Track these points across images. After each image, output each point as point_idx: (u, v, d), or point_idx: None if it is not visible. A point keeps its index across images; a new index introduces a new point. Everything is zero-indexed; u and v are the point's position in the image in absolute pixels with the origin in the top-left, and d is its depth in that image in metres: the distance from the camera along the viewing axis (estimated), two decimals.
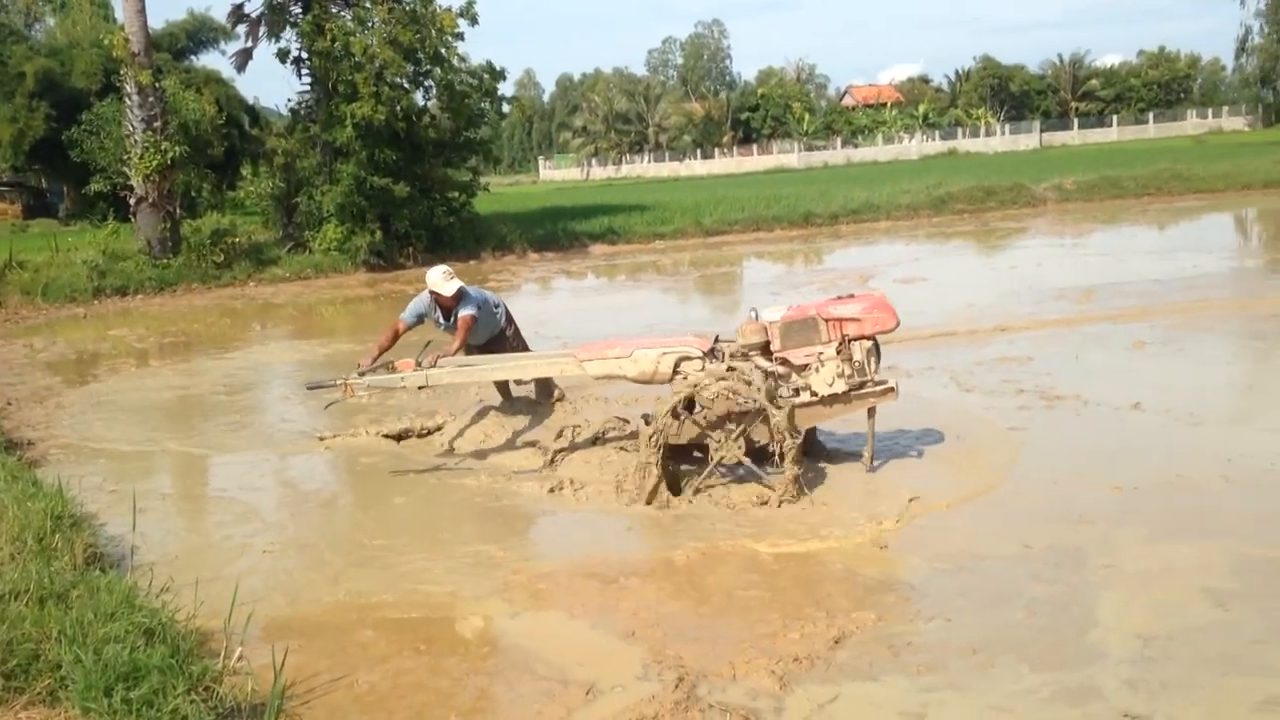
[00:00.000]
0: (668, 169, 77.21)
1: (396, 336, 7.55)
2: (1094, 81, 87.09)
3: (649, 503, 6.10)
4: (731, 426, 6.09)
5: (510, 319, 8.07)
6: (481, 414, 8.05)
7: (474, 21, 22.63)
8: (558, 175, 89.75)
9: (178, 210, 21.41)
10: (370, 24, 22.13)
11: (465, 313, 7.42)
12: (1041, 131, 76.69)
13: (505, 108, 25.34)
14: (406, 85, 22.58)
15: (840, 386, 6.22)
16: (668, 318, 13.47)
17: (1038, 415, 7.52)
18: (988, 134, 76.79)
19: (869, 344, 6.31)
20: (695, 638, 4.42)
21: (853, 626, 4.40)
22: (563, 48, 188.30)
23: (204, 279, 20.27)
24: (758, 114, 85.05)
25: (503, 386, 8.16)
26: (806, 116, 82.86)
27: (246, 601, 4.62)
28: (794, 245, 22.92)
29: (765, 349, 6.39)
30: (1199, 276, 13.41)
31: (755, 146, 79.07)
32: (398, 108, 21.58)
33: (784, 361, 6.35)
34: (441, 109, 23.10)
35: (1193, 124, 76.89)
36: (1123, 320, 10.94)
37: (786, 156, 73.12)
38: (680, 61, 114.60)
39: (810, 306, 6.50)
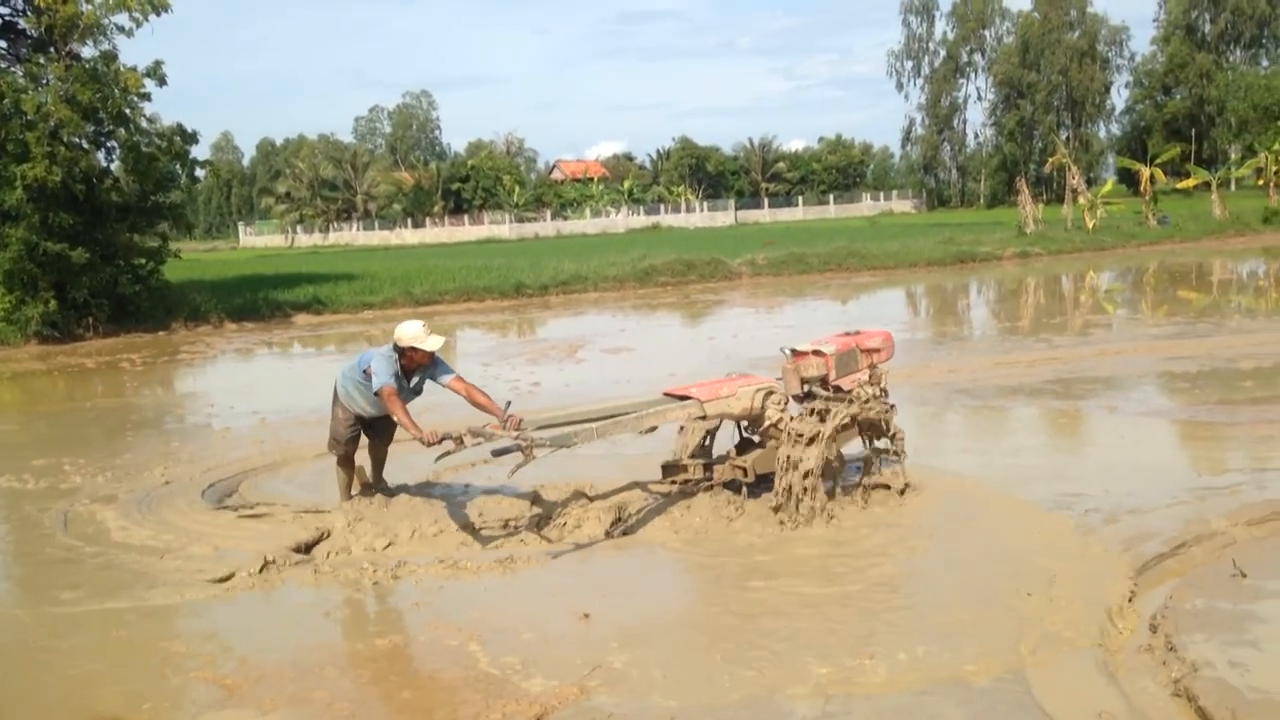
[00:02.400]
0: (377, 237, 75.97)
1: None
2: (781, 164, 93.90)
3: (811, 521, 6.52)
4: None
5: None
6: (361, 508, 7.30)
7: (162, 82, 21.49)
8: (260, 242, 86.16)
9: None
10: (45, 81, 20.54)
11: (449, 378, 6.99)
12: (736, 209, 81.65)
13: (199, 171, 24.07)
14: (86, 146, 21.05)
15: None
16: None
17: None
18: (688, 210, 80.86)
19: (884, 369, 7.44)
20: None
21: (555, 702, 4.38)
22: (264, 111, 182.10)
23: None
24: (468, 185, 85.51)
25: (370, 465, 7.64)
26: (517, 189, 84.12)
27: None
28: (505, 315, 23.04)
29: (823, 380, 7.11)
30: None
31: (467, 217, 79.32)
32: (76, 169, 20.04)
33: (836, 388, 7.11)
34: (126, 171, 21.66)
35: (868, 205, 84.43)
36: None
37: (498, 227, 73.80)
38: (389, 130, 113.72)
39: (850, 340, 7.43)
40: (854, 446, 7.32)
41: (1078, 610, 5.04)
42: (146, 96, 21.42)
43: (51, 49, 21.19)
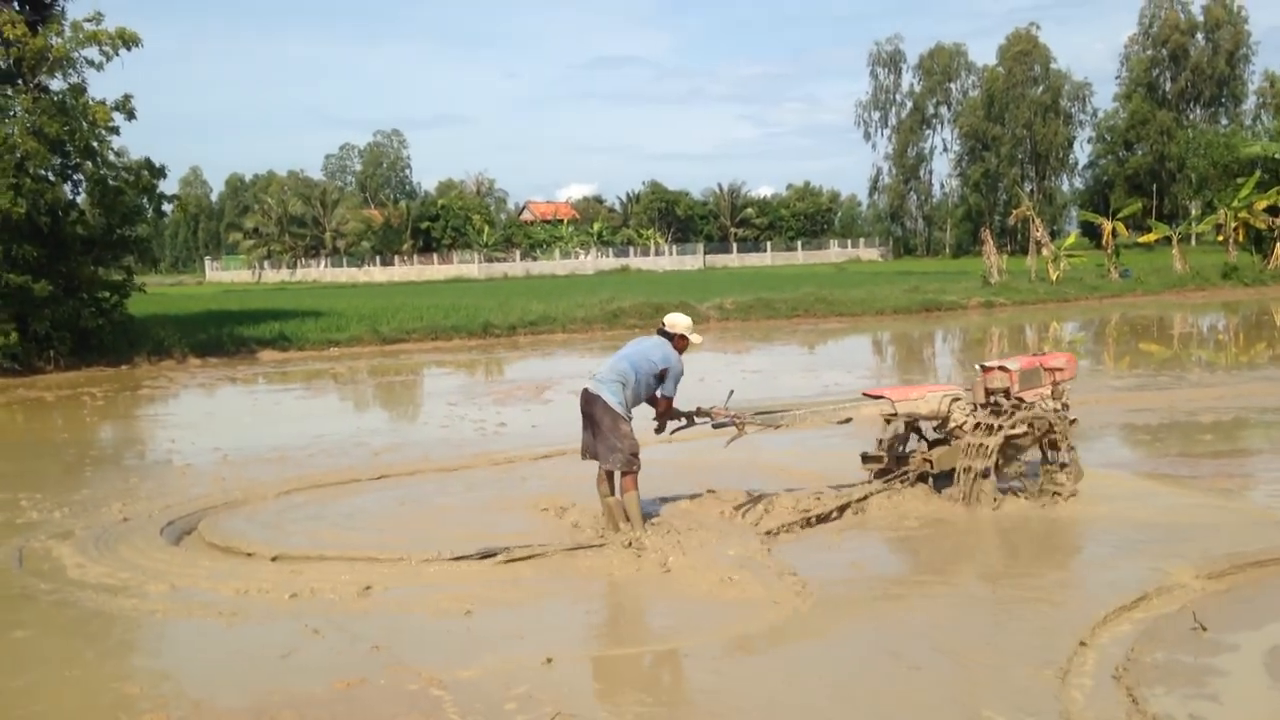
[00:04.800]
0: (346, 274, 75.65)
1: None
2: (750, 210, 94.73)
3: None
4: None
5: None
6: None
7: (131, 116, 21.41)
8: (226, 277, 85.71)
9: None
10: (12, 112, 20.41)
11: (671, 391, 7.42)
12: (705, 253, 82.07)
13: (166, 206, 23.93)
14: (52, 178, 20.88)
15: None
16: (339, 427, 13.03)
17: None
18: (657, 253, 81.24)
19: (1067, 387, 8.53)
20: None
21: None
22: (233, 146, 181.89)
23: None
24: (438, 224, 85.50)
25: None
26: (486, 229, 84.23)
27: None
28: (473, 355, 22.97)
29: (1006, 392, 8.04)
30: (840, 392, 14.66)
31: (436, 255, 79.25)
32: (41, 201, 19.85)
33: (1019, 400, 8.05)
34: (92, 205, 21.49)
35: (835, 252, 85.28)
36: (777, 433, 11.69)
37: (467, 267, 73.79)
38: (359, 168, 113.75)
39: (1035, 360, 8.42)
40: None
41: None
42: (115, 130, 21.35)
43: (19, 81, 21.08)
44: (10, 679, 5.30)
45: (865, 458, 8.48)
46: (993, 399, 8.11)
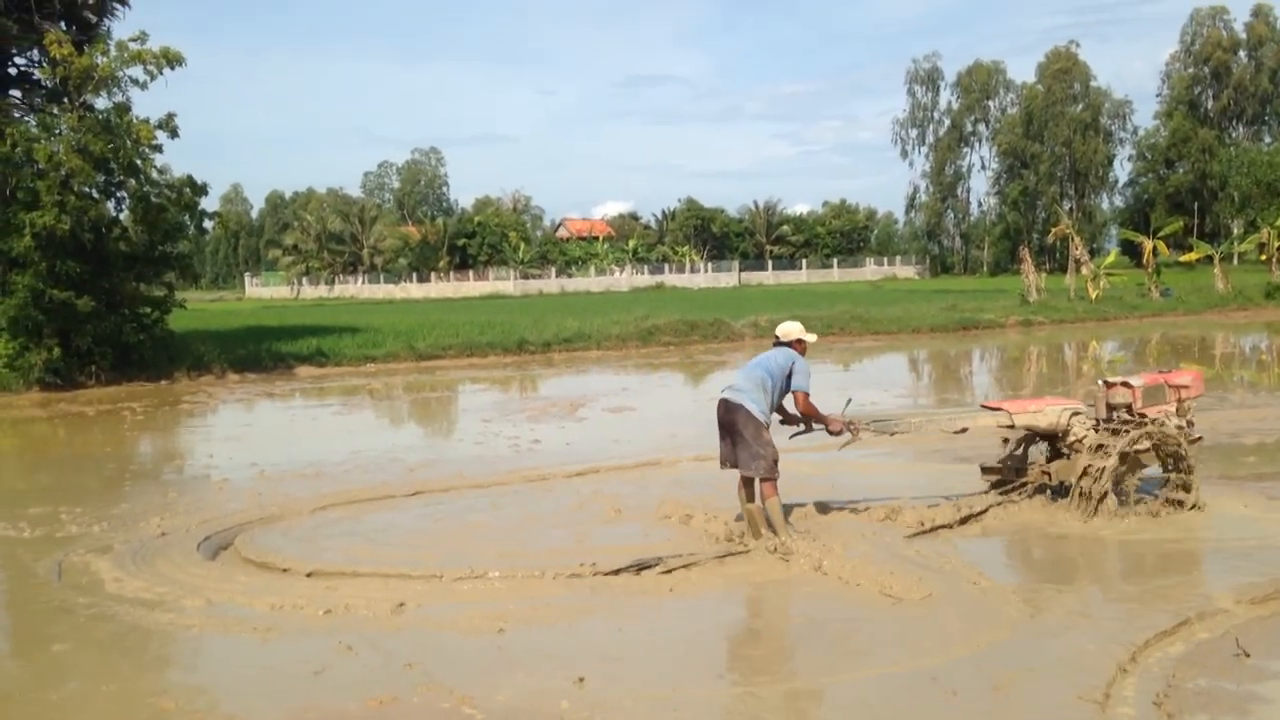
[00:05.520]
0: (383, 291, 76.33)
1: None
2: (786, 227, 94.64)
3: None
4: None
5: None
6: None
7: (174, 134, 21.73)
8: (266, 293, 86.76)
9: None
10: (58, 131, 20.78)
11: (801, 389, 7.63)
12: (740, 271, 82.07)
13: (207, 223, 24.25)
14: (96, 195, 21.22)
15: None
16: (375, 443, 13.10)
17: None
18: (692, 271, 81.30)
19: (1192, 404, 8.61)
20: None
21: None
22: (274, 164, 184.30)
23: None
24: (474, 241, 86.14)
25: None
26: (522, 245, 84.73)
27: None
28: (508, 372, 23.06)
29: (1128, 407, 8.17)
30: (875, 411, 14.56)
31: (472, 272, 79.79)
32: (85, 218, 20.19)
33: (1141, 415, 8.15)
34: (135, 221, 21.81)
35: (871, 270, 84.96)
36: (809, 450, 11.63)
37: (503, 283, 74.22)
38: (397, 185, 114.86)
39: (1159, 377, 8.58)
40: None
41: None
42: (158, 148, 21.64)
43: (65, 99, 21.49)
44: (48, 692, 5.36)
45: (985, 469, 8.81)
46: (1114, 414, 8.21)
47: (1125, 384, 8.26)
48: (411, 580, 6.97)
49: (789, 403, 7.68)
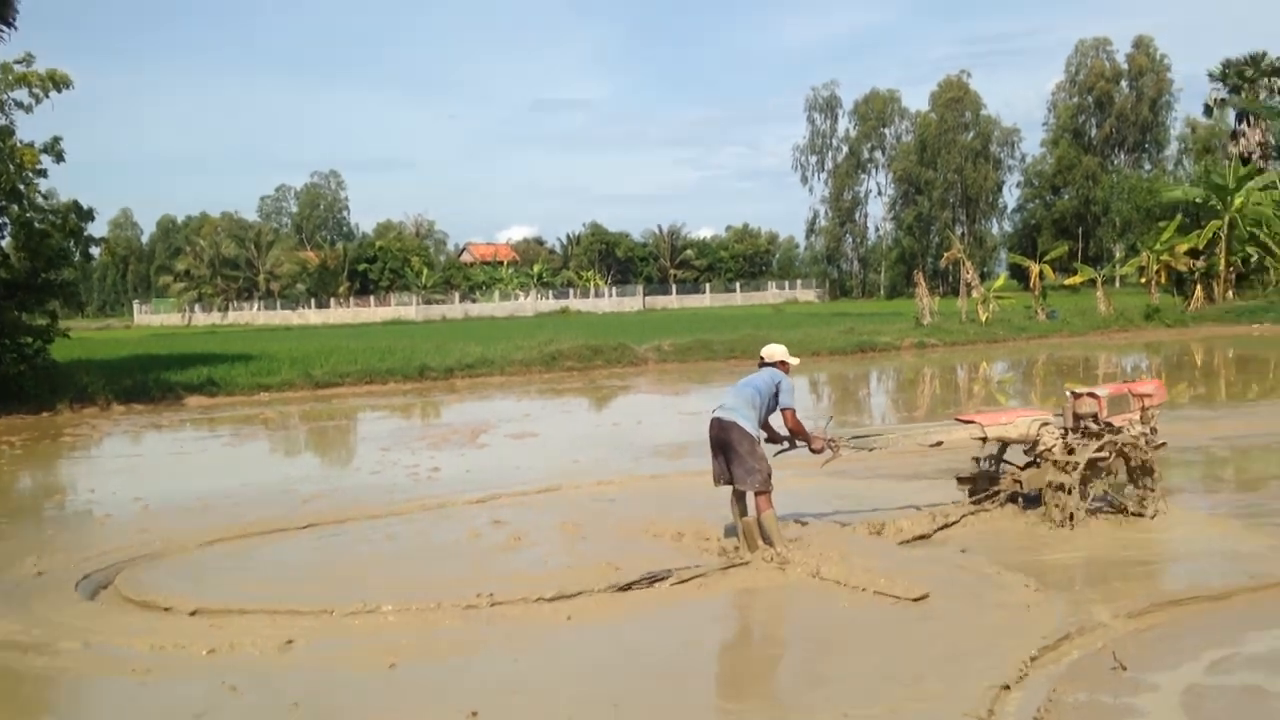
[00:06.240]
0: (279, 317, 74.78)
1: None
2: (690, 251, 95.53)
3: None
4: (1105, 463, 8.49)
5: None
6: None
7: (60, 158, 21.03)
8: (156, 320, 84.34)
9: None
10: None
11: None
12: (645, 295, 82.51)
13: (93, 249, 23.47)
14: None
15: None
16: (267, 475, 12.78)
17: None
18: (597, 295, 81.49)
19: (1155, 412, 9.01)
20: None
21: None
22: (166, 188, 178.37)
23: None
24: (376, 266, 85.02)
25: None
26: (425, 270, 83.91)
27: None
28: (408, 399, 22.73)
29: (1094, 416, 8.51)
30: None
31: (373, 298, 78.68)
32: None
33: (1107, 424, 8.51)
34: (17, 248, 21.00)
35: (773, 294, 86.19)
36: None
37: (405, 309, 73.38)
38: (295, 210, 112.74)
39: (1124, 387, 9.04)
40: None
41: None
42: (42, 172, 20.94)
43: None
44: None
45: (960, 480, 9.17)
46: (1082, 423, 8.56)
47: (1091, 394, 8.61)
48: (301, 616, 6.79)
49: (774, 421, 8.04)
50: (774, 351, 8.20)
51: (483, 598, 6.90)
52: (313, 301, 79.09)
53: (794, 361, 8.24)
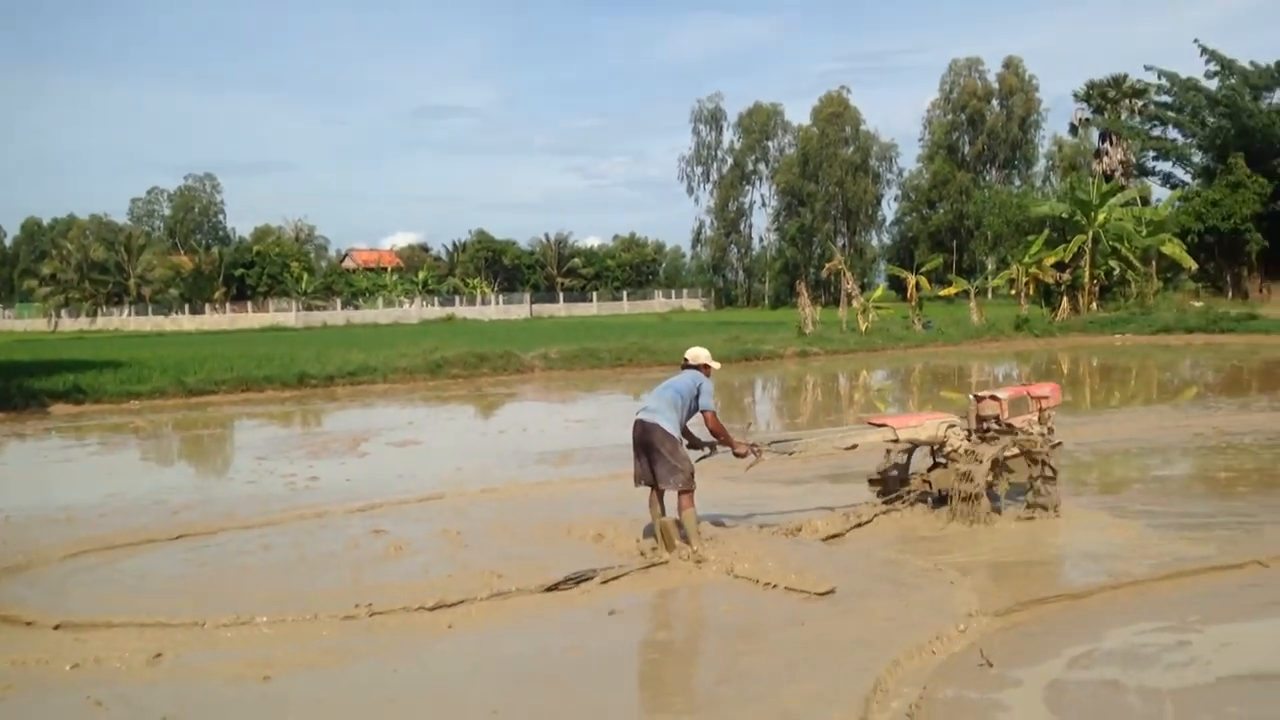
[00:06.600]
0: (152, 323, 72.15)
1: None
2: (577, 260, 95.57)
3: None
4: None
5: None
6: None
7: None
8: (20, 326, 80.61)
9: None
10: None
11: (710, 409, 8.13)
12: (532, 303, 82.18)
13: None
14: None
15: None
16: (136, 485, 12.32)
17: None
18: (484, 303, 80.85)
19: (1051, 413, 9.40)
20: None
21: None
22: (31, 189, 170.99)
23: None
24: (253, 271, 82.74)
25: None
26: (305, 276, 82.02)
27: None
28: (287, 407, 22.17)
29: (997, 418, 8.90)
30: None
31: (251, 304, 76.51)
32: None
33: (1008, 425, 8.93)
34: None
35: (660, 302, 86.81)
36: (598, 482, 11.76)
37: (284, 315, 71.56)
38: (168, 213, 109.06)
39: (1022, 389, 9.49)
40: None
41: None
42: None
43: None
44: None
45: (872, 481, 9.43)
46: (984, 425, 8.95)
47: (993, 397, 8.99)
48: (170, 629, 6.58)
49: (696, 428, 8.20)
50: (698, 354, 8.34)
51: (361, 608, 6.79)
52: (187, 307, 76.51)
53: (716, 366, 8.40)
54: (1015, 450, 8.89)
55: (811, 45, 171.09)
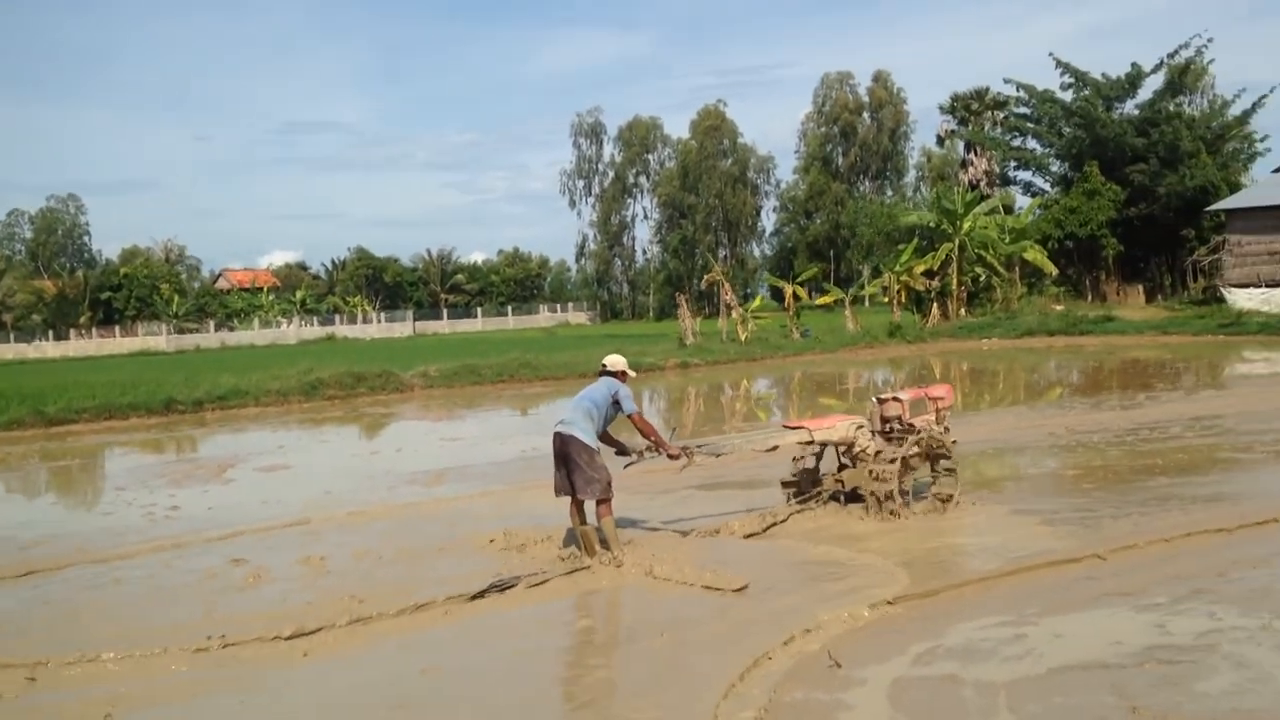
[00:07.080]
0: (12, 350, 68.79)
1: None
2: (460, 276, 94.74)
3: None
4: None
5: None
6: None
7: None
8: None
9: None
10: None
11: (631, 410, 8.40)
12: (415, 320, 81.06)
13: None
14: None
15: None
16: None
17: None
18: (365, 321, 79.44)
19: (947, 413, 9.96)
20: None
21: None
22: None
23: None
24: (121, 294, 79.75)
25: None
26: (176, 298, 79.39)
27: None
28: (152, 434, 21.43)
29: (899, 419, 9.51)
30: (536, 457, 14.82)
31: (118, 328, 73.70)
32: None
33: (910, 425, 9.50)
34: None
35: (545, 317, 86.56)
36: (470, 500, 11.69)
37: (154, 339, 69.06)
38: (29, 236, 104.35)
39: (920, 390, 9.97)
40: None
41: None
42: None
43: None
44: None
45: (784, 483, 9.83)
46: (888, 425, 9.56)
47: (896, 399, 9.60)
48: (12, 669, 6.33)
49: (622, 435, 8.41)
50: (616, 361, 8.60)
51: (214, 639, 6.63)
52: (50, 333, 73.28)
53: (632, 374, 8.69)
54: (919, 448, 9.38)
55: (683, 60, 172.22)
